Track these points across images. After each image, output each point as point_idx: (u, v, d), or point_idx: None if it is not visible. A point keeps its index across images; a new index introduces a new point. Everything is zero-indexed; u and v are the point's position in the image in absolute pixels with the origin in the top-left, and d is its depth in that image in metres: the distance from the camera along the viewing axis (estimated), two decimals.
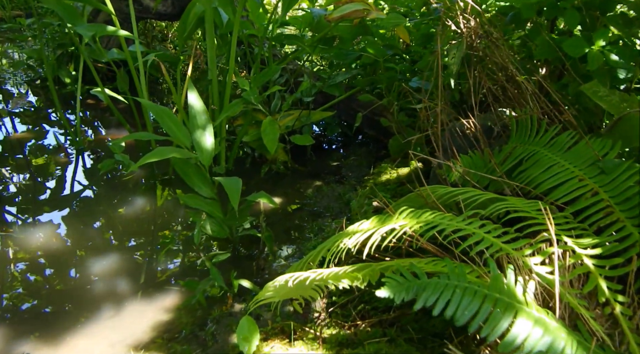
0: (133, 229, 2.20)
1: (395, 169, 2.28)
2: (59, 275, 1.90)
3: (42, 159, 2.84)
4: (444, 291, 0.89)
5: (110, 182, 2.58)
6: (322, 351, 1.26)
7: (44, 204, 2.37)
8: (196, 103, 1.93)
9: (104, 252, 2.03)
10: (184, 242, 2.11)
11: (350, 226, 1.33)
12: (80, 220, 2.25)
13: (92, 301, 1.78)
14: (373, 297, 1.57)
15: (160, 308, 1.74)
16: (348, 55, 2.52)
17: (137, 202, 2.39)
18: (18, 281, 1.87)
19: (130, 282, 1.88)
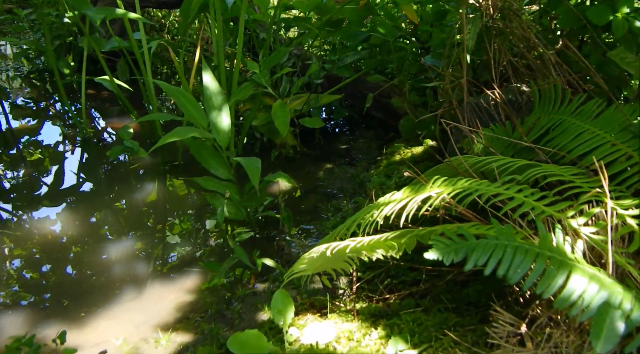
0: (146, 214, 2.19)
1: (409, 148, 2.27)
2: (76, 260, 1.88)
3: (50, 148, 2.81)
4: (494, 251, 0.88)
5: (119, 170, 2.56)
6: (357, 322, 1.26)
7: (56, 192, 2.35)
8: (211, 84, 1.91)
9: (119, 237, 2.01)
10: (200, 225, 2.10)
11: (380, 197, 1.32)
12: (93, 206, 2.23)
13: (112, 284, 1.76)
14: (399, 271, 1.57)
15: (182, 290, 1.73)
16: (357, 37, 2.50)
17: (148, 188, 2.38)
18: (39, 265, 1.85)
19: (148, 265, 1.86)
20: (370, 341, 1.15)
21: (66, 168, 2.58)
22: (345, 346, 1.15)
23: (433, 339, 1.08)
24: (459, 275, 1.38)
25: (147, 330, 1.55)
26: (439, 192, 1.13)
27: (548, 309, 0.94)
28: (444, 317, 1.17)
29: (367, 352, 1.11)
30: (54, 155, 2.73)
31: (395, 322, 1.21)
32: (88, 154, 2.75)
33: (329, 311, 1.38)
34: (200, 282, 1.76)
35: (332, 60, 2.62)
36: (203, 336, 1.51)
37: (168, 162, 2.60)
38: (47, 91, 3.85)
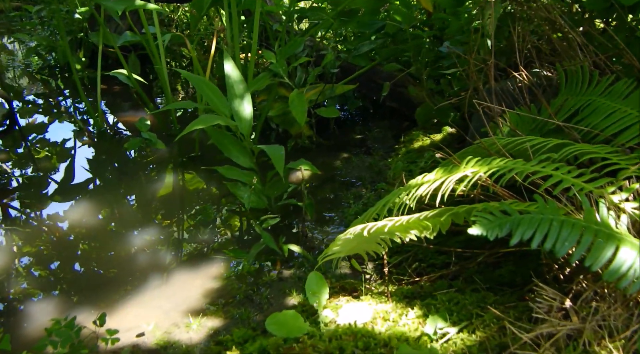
0: (168, 204, 2.20)
1: (428, 135, 2.27)
2: (102, 249, 1.89)
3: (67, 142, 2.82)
4: (540, 225, 0.88)
5: (137, 161, 2.57)
6: (391, 303, 1.26)
7: (79, 184, 2.37)
8: (233, 73, 1.92)
9: (142, 226, 2.02)
10: (221, 214, 2.10)
11: (412, 179, 1.33)
12: (116, 197, 2.25)
13: (139, 272, 1.77)
14: (428, 255, 1.57)
15: (207, 277, 1.74)
16: (372, 25, 2.50)
17: (168, 179, 2.39)
18: (67, 254, 1.86)
19: (173, 254, 1.88)
20: (407, 321, 1.16)
21: (86, 161, 2.60)
22: (382, 325, 1.16)
23: (473, 316, 1.09)
24: (490, 257, 1.39)
25: (177, 316, 1.56)
26: (475, 172, 1.13)
27: (594, 283, 0.94)
28: (481, 296, 1.17)
29: (405, 331, 1.12)
30: (71, 149, 2.74)
31: (431, 302, 1.21)
32: (105, 147, 2.76)
33: (362, 294, 1.39)
34: (226, 269, 1.77)
35: (347, 49, 2.61)
36: (233, 320, 1.52)
37: (185, 154, 2.61)
38: (59, 87, 3.85)
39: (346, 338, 1.11)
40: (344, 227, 1.97)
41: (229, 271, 1.75)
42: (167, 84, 2.76)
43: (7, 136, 2.86)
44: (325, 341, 1.11)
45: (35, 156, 2.64)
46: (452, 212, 1.06)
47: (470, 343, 1.01)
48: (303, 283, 1.66)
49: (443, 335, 1.08)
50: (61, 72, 4.13)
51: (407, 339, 1.08)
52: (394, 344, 1.07)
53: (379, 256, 1.68)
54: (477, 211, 0.96)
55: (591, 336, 0.86)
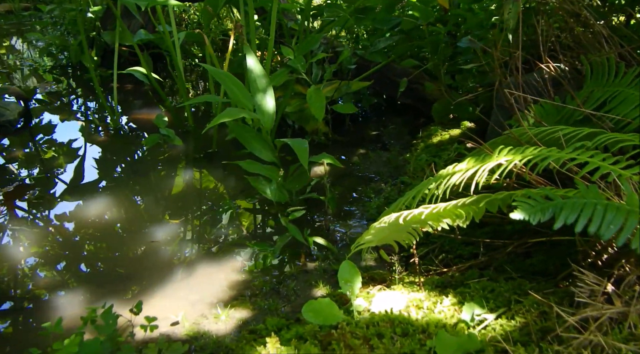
0: (188, 198, 2.21)
1: (446, 130, 2.28)
2: (126, 242, 1.90)
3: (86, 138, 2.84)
4: (584, 209, 0.89)
5: (155, 157, 2.58)
6: (424, 292, 1.27)
7: (99, 180, 2.38)
8: (255, 67, 1.93)
9: (164, 220, 2.03)
10: (242, 208, 2.11)
11: (442, 170, 1.33)
12: (137, 192, 2.26)
13: (163, 265, 1.78)
14: (454, 246, 1.58)
15: (232, 269, 1.75)
16: (389, 22, 2.51)
17: (187, 174, 2.40)
18: (90, 246, 1.87)
19: (197, 247, 1.89)
20: (443, 308, 1.16)
21: (105, 157, 2.61)
22: (417, 313, 1.16)
23: (512, 302, 1.10)
24: (519, 247, 1.40)
25: (204, 307, 1.57)
26: (509, 160, 1.14)
27: (637, 268, 0.95)
28: (516, 284, 1.18)
29: (441, 318, 1.12)
30: (89, 146, 2.75)
31: (464, 290, 1.22)
32: (123, 144, 2.77)
33: (392, 283, 1.39)
34: (250, 261, 1.78)
35: (363, 46, 2.63)
36: (261, 311, 1.53)
37: (202, 150, 2.62)
38: (71, 86, 3.87)
39: (383, 325, 1.11)
40: (366, 221, 1.98)
41: (253, 263, 1.76)
42: (183, 80, 2.77)
43: (23, 133, 2.88)
44: (363, 327, 1.11)
45: (53, 153, 2.65)
46: (491, 199, 1.07)
47: (510, 328, 1.01)
48: (329, 275, 1.67)
49: (480, 322, 1.08)
50: (73, 71, 4.15)
51: (445, 326, 1.09)
52: (432, 331, 1.08)
53: (403, 248, 1.69)
54: (517, 197, 0.97)
55: (636, 319, 0.87)
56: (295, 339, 1.11)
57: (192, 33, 3.14)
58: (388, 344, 1.05)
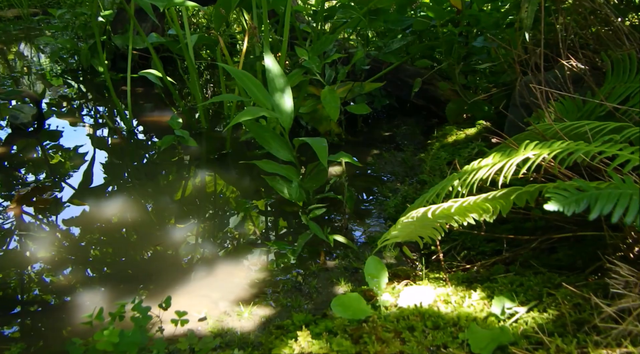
0: (204, 198, 2.22)
1: (462, 130, 2.28)
2: (147, 241, 1.91)
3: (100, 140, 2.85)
4: (620, 199, 0.89)
5: (170, 158, 2.59)
6: (450, 287, 1.27)
7: (117, 179, 2.39)
8: (274, 67, 1.94)
9: (183, 219, 2.03)
10: (260, 207, 2.12)
11: (466, 165, 1.34)
12: (155, 192, 2.27)
13: (183, 264, 1.79)
14: (476, 243, 1.58)
15: (252, 268, 1.75)
16: (402, 22, 2.52)
17: (202, 175, 2.40)
18: (111, 246, 1.88)
19: (216, 246, 1.89)
20: (472, 302, 1.16)
21: (119, 158, 2.62)
22: (446, 307, 1.16)
23: (543, 295, 1.09)
24: (543, 243, 1.39)
25: (226, 305, 1.57)
26: (537, 154, 1.14)
27: None
28: (546, 277, 1.18)
29: (471, 312, 1.12)
30: (104, 147, 2.77)
31: (492, 285, 1.22)
32: (137, 145, 2.79)
33: (417, 279, 1.39)
34: (269, 260, 1.78)
35: (377, 46, 2.64)
36: (284, 308, 1.53)
37: (216, 151, 2.63)
38: (81, 90, 3.89)
39: (413, 318, 1.11)
40: (383, 220, 1.98)
41: (273, 262, 1.76)
42: (196, 82, 2.79)
43: (37, 136, 2.90)
44: (394, 321, 1.11)
45: (67, 155, 2.66)
46: (521, 192, 1.07)
47: (543, 320, 1.01)
48: (349, 272, 1.67)
49: (511, 315, 1.08)
50: (84, 75, 4.17)
51: (475, 320, 1.09)
52: (463, 324, 1.08)
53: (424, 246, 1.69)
54: (550, 189, 0.97)
55: None
56: (325, 333, 1.11)
57: (204, 36, 3.16)
58: (420, 337, 1.05)
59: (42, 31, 5.85)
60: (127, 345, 0.94)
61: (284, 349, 1.09)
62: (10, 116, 2.95)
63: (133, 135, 2.90)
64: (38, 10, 6.58)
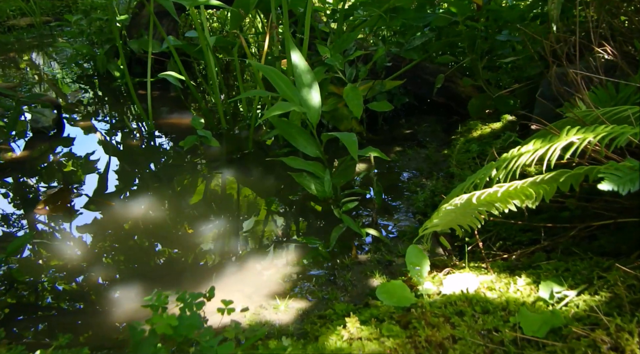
0: (231, 197, 2.22)
1: (487, 124, 2.28)
2: (176, 238, 1.91)
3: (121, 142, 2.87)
4: None
5: (193, 158, 2.60)
6: (493, 275, 1.26)
7: (144, 179, 2.40)
8: (300, 63, 1.94)
9: (210, 217, 2.04)
10: (287, 204, 2.12)
11: (504, 153, 1.33)
12: (180, 191, 2.28)
13: (213, 259, 1.79)
14: (511, 233, 1.57)
15: (283, 263, 1.75)
16: (425, 18, 2.52)
17: (227, 174, 2.41)
18: (141, 244, 1.88)
19: (246, 242, 1.89)
20: (519, 288, 1.15)
21: (144, 159, 2.64)
22: (493, 294, 1.16)
23: (594, 278, 1.09)
24: (582, 231, 1.38)
25: (260, 299, 1.57)
26: (582, 138, 1.14)
27: None
28: (593, 262, 1.17)
29: (518, 297, 1.12)
30: (126, 149, 2.78)
31: (536, 272, 1.21)
32: (160, 146, 2.80)
33: (456, 268, 1.39)
34: (300, 254, 1.78)
35: (399, 43, 2.64)
36: (320, 301, 1.53)
37: (238, 151, 2.63)
38: (98, 94, 3.92)
39: (461, 304, 1.11)
40: (412, 214, 1.97)
41: (304, 256, 1.76)
42: (216, 82, 2.80)
43: (59, 139, 2.92)
44: (441, 307, 1.11)
45: (91, 156, 2.68)
46: (571, 174, 1.06)
47: (595, 303, 1.00)
48: (383, 265, 1.67)
49: (561, 299, 1.08)
50: (100, 80, 4.20)
51: (524, 304, 1.08)
52: (512, 308, 1.07)
53: (457, 238, 1.69)
54: (603, 169, 0.97)
55: None
56: (373, 319, 1.11)
57: (222, 37, 3.17)
58: (470, 322, 1.04)
59: (55, 38, 5.90)
60: (185, 328, 0.94)
61: (331, 336, 1.09)
62: (31, 120, 2.98)
63: (154, 137, 2.91)
64: (50, 18, 6.64)
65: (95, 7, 4.59)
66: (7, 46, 5.60)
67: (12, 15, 6.51)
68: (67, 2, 7.01)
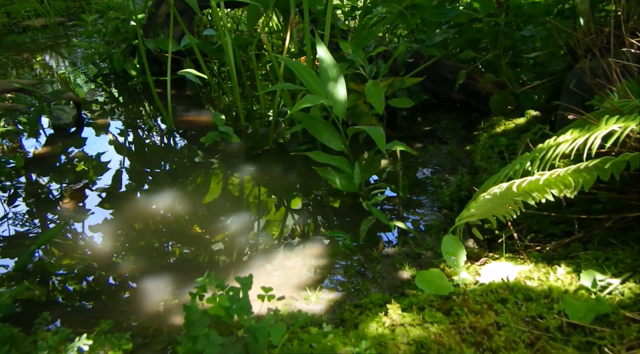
0: (254, 192, 2.22)
1: (511, 120, 2.27)
2: (201, 233, 1.92)
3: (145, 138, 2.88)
4: None
5: (214, 154, 2.60)
6: (530, 265, 1.26)
7: (166, 174, 2.41)
8: (326, 57, 1.94)
9: (235, 212, 2.04)
10: (311, 198, 2.12)
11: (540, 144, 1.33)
12: (204, 186, 2.28)
13: (240, 252, 1.79)
14: (543, 226, 1.56)
15: (310, 255, 1.75)
16: (447, 14, 2.52)
17: (249, 169, 2.41)
18: (170, 235, 1.89)
19: (270, 237, 1.89)
20: (559, 276, 1.15)
21: (166, 155, 2.65)
22: (532, 282, 1.15)
23: (639, 266, 1.08)
24: (617, 222, 1.38)
25: (290, 290, 1.57)
26: (623, 126, 1.13)
27: None
28: (636, 251, 1.16)
29: (559, 286, 1.11)
30: (146, 145, 2.80)
31: (575, 261, 1.20)
32: (180, 142, 2.81)
33: (491, 259, 1.38)
34: (327, 247, 1.78)
35: (419, 39, 2.64)
36: (350, 293, 1.52)
37: (260, 147, 2.64)
38: (113, 93, 3.94)
39: (502, 292, 1.10)
40: (437, 208, 1.97)
41: (331, 249, 1.76)
42: (235, 80, 2.81)
43: (79, 135, 2.93)
44: (482, 294, 1.10)
45: (113, 152, 2.69)
46: (616, 161, 1.06)
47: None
48: (411, 258, 1.67)
49: (604, 287, 1.07)
50: (116, 79, 4.22)
51: (567, 292, 1.07)
52: (555, 296, 1.06)
53: (487, 231, 1.68)
54: None
55: None
56: (415, 307, 1.11)
57: (239, 36, 3.18)
58: (513, 309, 1.04)
59: (70, 39, 5.95)
60: (236, 310, 0.95)
61: (371, 323, 1.08)
62: (52, 117, 3.00)
63: (173, 134, 2.92)
64: (64, 19, 6.69)
65: (112, 7, 4.63)
66: (24, 46, 5.65)
67: (26, 16, 6.57)
68: (81, 3, 7.07)
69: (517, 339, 0.96)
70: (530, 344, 0.95)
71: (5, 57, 5.06)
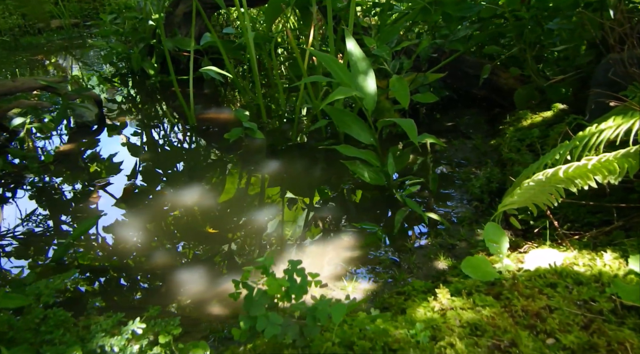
0: (282, 186, 2.23)
1: (537, 113, 2.27)
2: (234, 224, 1.93)
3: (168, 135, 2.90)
4: None
5: (237, 150, 2.61)
6: (574, 252, 1.26)
7: (193, 169, 2.43)
8: (355, 50, 1.95)
9: (266, 206, 2.05)
10: (340, 191, 2.12)
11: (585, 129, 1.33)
12: (231, 180, 2.30)
13: (273, 243, 1.80)
14: (580, 216, 1.56)
15: (343, 248, 1.75)
16: (471, 9, 2.52)
17: (275, 164, 2.41)
18: (203, 227, 1.90)
19: (302, 230, 1.90)
20: (606, 262, 1.15)
21: (190, 151, 2.66)
22: (580, 268, 1.15)
23: None
24: None
25: (326, 280, 1.58)
26: None
27: None
28: None
29: (607, 271, 1.11)
30: (171, 141, 2.82)
31: (620, 248, 1.20)
32: (204, 139, 2.83)
33: (531, 247, 1.38)
34: (358, 239, 1.78)
35: (443, 34, 2.64)
36: (386, 283, 1.53)
37: (283, 143, 2.65)
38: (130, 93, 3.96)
39: (550, 277, 1.10)
40: (467, 201, 1.97)
41: (363, 240, 1.76)
42: (257, 76, 2.82)
43: (102, 133, 2.96)
44: (530, 279, 1.10)
45: (140, 148, 2.71)
46: None
47: None
48: (445, 249, 1.67)
49: None
50: (133, 78, 4.25)
51: (616, 276, 1.07)
52: (605, 280, 1.06)
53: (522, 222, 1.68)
54: None
55: None
56: (464, 291, 1.11)
57: (260, 34, 3.20)
58: (564, 293, 1.04)
59: (85, 39, 6.00)
60: (295, 290, 0.95)
61: (418, 308, 1.09)
62: (75, 115, 3.02)
63: (196, 130, 2.93)
64: (79, 20, 6.74)
65: (128, 7, 4.65)
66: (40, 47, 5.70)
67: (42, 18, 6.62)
68: (95, 4, 7.12)
69: (570, 322, 0.96)
70: (584, 327, 0.95)
71: (23, 57, 5.11)
